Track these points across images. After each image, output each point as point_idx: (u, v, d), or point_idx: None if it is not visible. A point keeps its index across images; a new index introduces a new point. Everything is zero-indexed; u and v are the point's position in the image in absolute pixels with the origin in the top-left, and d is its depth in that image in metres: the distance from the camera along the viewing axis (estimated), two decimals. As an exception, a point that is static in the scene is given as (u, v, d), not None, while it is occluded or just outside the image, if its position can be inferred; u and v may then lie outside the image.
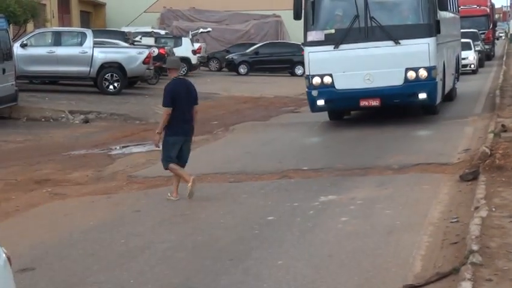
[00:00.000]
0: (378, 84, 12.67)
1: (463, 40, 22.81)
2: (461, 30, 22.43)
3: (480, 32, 33.24)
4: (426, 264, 5.50)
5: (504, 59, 34.48)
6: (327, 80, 12.89)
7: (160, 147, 8.25)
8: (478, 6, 37.03)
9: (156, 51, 23.40)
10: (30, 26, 23.94)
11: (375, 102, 12.80)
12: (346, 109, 13.92)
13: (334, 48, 12.82)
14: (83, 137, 14.61)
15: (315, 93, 12.99)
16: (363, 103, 12.85)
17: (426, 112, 13.65)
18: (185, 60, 28.88)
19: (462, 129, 12.48)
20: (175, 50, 27.50)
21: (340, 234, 6.49)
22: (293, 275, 5.50)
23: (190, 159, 11.28)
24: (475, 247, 5.34)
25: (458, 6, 20.30)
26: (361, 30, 12.74)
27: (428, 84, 12.75)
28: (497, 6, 67.28)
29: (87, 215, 7.93)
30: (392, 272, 5.40)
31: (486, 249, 5.37)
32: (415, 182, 8.51)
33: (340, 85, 12.84)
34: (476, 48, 28.67)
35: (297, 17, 13.12)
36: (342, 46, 12.79)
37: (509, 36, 62.53)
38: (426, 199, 7.58)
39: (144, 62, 20.20)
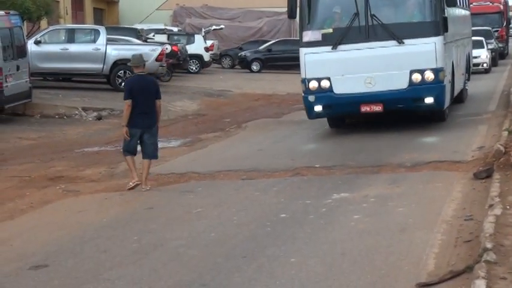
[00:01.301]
0: (380, 88, 11.59)
1: (475, 38, 22.07)
2: (474, 28, 21.84)
3: (493, 29, 31.74)
4: (439, 262, 5.48)
5: None
6: (325, 84, 11.80)
7: (129, 138, 8.81)
8: (491, 3, 35.80)
9: (169, 48, 23.42)
10: (44, 23, 24.05)
11: (377, 108, 11.74)
12: (345, 115, 12.81)
13: (332, 49, 11.74)
14: (96, 134, 14.68)
15: (311, 98, 11.90)
16: (364, 108, 11.76)
17: (434, 118, 12.50)
18: (198, 57, 29.00)
19: (476, 126, 12.38)
20: (188, 47, 27.54)
21: (352, 231, 6.48)
22: (306, 272, 5.49)
23: (203, 156, 11.35)
24: (489, 245, 5.32)
25: (469, 2, 19.17)
26: (361, 29, 11.66)
27: (436, 87, 11.64)
28: (511, 3, 66.32)
29: (100, 212, 7.96)
30: (405, 270, 5.38)
31: (500, 247, 5.34)
32: (428, 179, 8.47)
33: (339, 89, 11.77)
34: (489, 47, 27.55)
35: (291, 15, 12.26)
36: (341, 47, 11.72)
37: None
38: (439, 197, 7.55)
39: (157, 59, 20.22)
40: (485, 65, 25.80)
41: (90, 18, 34.21)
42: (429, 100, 11.68)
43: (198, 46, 29.05)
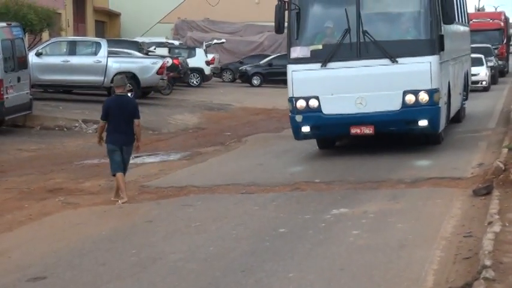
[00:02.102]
0: (372, 109, 10.93)
1: (474, 55, 21.52)
2: (473, 45, 21.53)
3: (493, 47, 31.07)
4: (438, 278, 5.47)
5: None
6: (313, 103, 11.13)
7: (103, 146, 9.30)
8: (491, 19, 35.42)
9: (170, 61, 23.49)
10: (45, 35, 24.14)
11: (367, 130, 11.04)
12: (334, 137, 12.17)
13: (322, 66, 11.08)
14: (95, 146, 14.57)
15: (299, 118, 11.20)
16: (354, 130, 11.09)
17: (428, 141, 11.82)
18: (199, 70, 29.08)
19: (476, 143, 12.38)
20: (189, 60, 27.62)
21: (351, 247, 6.47)
22: (304, 287, 5.47)
23: (203, 170, 11.35)
24: (488, 262, 5.31)
25: (468, 17, 18.22)
26: (352, 46, 11.01)
27: (430, 109, 10.96)
28: (511, 20, 66.20)
29: (99, 225, 7.96)
30: (404, 287, 5.37)
31: (499, 264, 5.32)
32: (428, 196, 8.47)
33: (328, 109, 11.09)
34: (489, 64, 27.02)
35: (278, 29, 11.53)
36: (331, 64, 11.07)
37: None
38: (439, 213, 7.54)
39: (157, 73, 20.30)
40: (484, 83, 25.31)
41: (91, 31, 34.36)
42: (423, 123, 11.02)
43: (199, 60, 29.17)
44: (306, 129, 11.32)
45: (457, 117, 14.73)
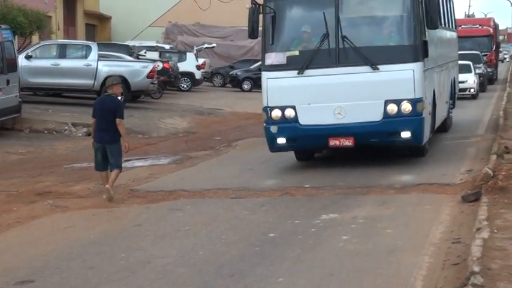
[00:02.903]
0: (351, 120, 10.30)
1: (462, 62, 21.03)
2: (462, 52, 21.12)
3: (482, 53, 30.46)
4: (427, 284, 5.47)
5: (508, 83, 32.09)
6: (289, 113, 10.47)
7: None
8: (480, 25, 34.74)
9: (160, 65, 23.47)
10: (35, 38, 24.06)
11: (347, 142, 10.41)
12: (312, 149, 11.47)
13: (298, 74, 10.41)
14: (85, 149, 14.59)
15: (274, 129, 10.55)
16: (333, 142, 10.45)
17: (411, 154, 11.23)
18: (189, 75, 29.06)
19: (465, 149, 12.43)
20: (179, 64, 27.60)
21: (341, 253, 6.47)
22: (293, 293, 5.48)
23: (193, 174, 11.33)
24: (476, 268, 5.31)
25: (456, 22, 17.41)
26: (331, 52, 10.35)
27: (413, 120, 10.33)
28: (501, 27, 66.34)
29: (87, 228, 7.93)
30: (393, 292, 5.38)
31: (488, 270, 5.34)
32: (417, 202, 8.49)
33: (304, 120, 10.46)
34: (478, 71, 26.40)
35: (252, 34, 10.89)
36: (308, 72, 10.40)
37: None
38: (428, 219, 7.56)
39: (148, 76, 20.27)
40: (472, 90, 24.67)
41: (82, 34, 34.28)
42: (406, 134, 10.38)
43: (189, 64, 29.17)
44: (281, 140, 10.67)
45: (444, 126, 14.28)
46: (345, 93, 10.37)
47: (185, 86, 28.98)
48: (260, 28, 10.92)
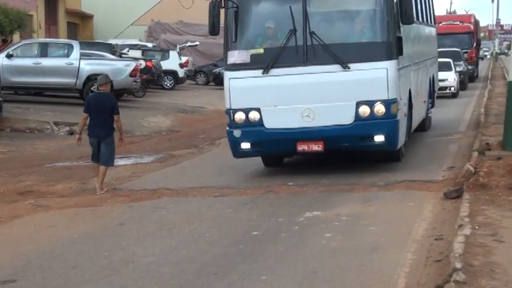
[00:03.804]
0: (321, 123, 9.64)
1: (442, 60, 20.43)
2: (442, 49, 20.82)
3: (463, 51, 29.56)
4: (410, 281, 5.49)
5: (489, 80, 31.85)
6: (254, 116, 9.79)
7: (81, 145, 10.21)
8: (460, 22, 33.88)
9: (143, 64, 23.39)
10: (16, 36, 23.86)
11: (316, 147, 9.75)
12: (279, 154, 10.76)
13: (263, 73, 9.69)
14: (67, 148, 14.53)
15: (237, 133, 9.88)
16: (301, 147, 9.78)
17: (387, 158, 10.61)
18: (172, 73, 28.98)
19: (447, 146, 12.51)
20: (162, 63, 27.52)
21: (324, 250, 6.48)
22: (277, 290, 5.48)
23: (176, 173, 11.30)
24: (458, 265, 5.34)
25: (434, 17, 16.42)
26: (298, 50, 9.62)
27: (387, 123, 9.65)
28: (482, 24, 66.66)
29: (70, 227, 7.88)
30: (376, 289, 5.40)
31: (469, 267, 5.37)
32: (400, 199, 8.53)
33: (270, 123, 9.76)
34: (458, 69, 25.57)
35: (212, 30, 10.08)
36: (273, 71, 9.68)
37: (494, 54, 62.50)
38: (410, 216, 7.59)
39: (130, 75, 20.17)
40: (452, 88, 23.99)
41: (63, 33, 34.06)
42: (379, 138, 9.69)
43: (172, 62, 29.07)
44: (245, 145, 9.95)
45: (422, 127, 13.74)
46: (314, 94, 9.66)
47: (168, 85, 28.90)
48: (222, 24, 10.20)
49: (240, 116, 9.90)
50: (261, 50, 9.92)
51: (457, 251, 5.73)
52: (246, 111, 9.86)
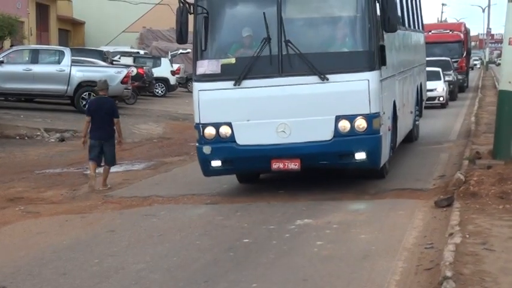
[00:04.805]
0: (297, 139, 8.93)
1: (431, 69, 20.11)
2: (431, 58, 20.45)
3: (452, 60, 28.76)
4: (400, 289, 5.50)
5: (479, 89, 31.58)
6: (225, 131, 9.07)
7: (86, 148, 10.65)
8: (450, 31, 32.57)
9: (134, 71, 23.36)
10: (7, 43, 23.79)
11: (292, 165, 9.03)
12: (253, 172, 10.12)
13: (235, 85, 8.97)
14: (58, 155, 14.48)
15: (207, 149, 9.16)
16: (276, 165, 9.05)
17: (370, 175, 9.94)
18: (164, 80, 28.95)
19: (438, 155, 12.53)
20: (154, 70, 27.50)
21: (315, 258, 6.48)
22: (268, 298, 5.47)
23: (167, 180, 11.28)
24: (448, 273, 5.35)
25: (422, 22, 15.52)
26: (272, 59, 8.91)
27: (369, 139, 8.94)
28: (473, 33, 66.80)
29: (60, 234, 7.84)
30: (367, 297, 5.41)
31: (460, 275, 5.37)
32: (391, 207, 8.54)
33: (243, 139, 9.04)
34: (447, 79, 24.89)
35: (180, 38, 9.27)
36: (246, 83, 8.97)
37: (485, 64, 62.62)
38: (401, 224, 7.60)
39: (122, 82, 20.13)
40: (441, 98, 23.25)
41: (55, 39, 34.00)
42: (360, 156, 9.00)
43: (164, 69, 29.05)
44: (216, 163, 9.22)
45: (409, 138, 13.14)
46: (290, 108, 8.93)
47: (160, 92, 28.86)
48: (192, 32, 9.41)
49: (210, 131, 9.15)
50: (233, 60, 9.17)
51: (447, 259, 5.74)
52: (217, 126, 9.11)
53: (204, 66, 9.21)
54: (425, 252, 6.42)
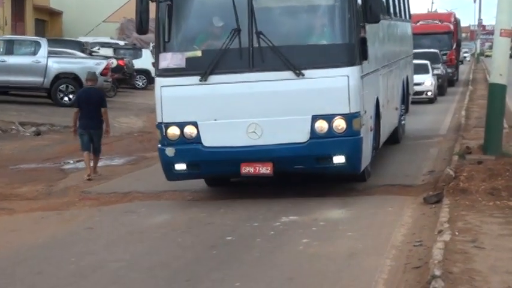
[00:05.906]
0: (270, 141, 8.27)
1: (418, 61, 19.25)
2: (419, 50, 20.00)
3: (442, 52, 27.17)
4: (388, 288, 5.40)
5: (470, 84, 30.38)
6: (190, 131, 8.39)
7: (77, 138, 10.99)
8: (440, 21, 30.71)
9: (114, 62, 23.07)
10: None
11: (264, 169, 8.33)
12: (221, 176, 9.30)
13: (201, 80, 8.30)
14: (33, 150, 14.23)
15: (170, 152, 8.46)
16: (246, 169, 8.35)
17: (351, 178, 9.22)
18: (145, 72, 28.62)
19: (427, 150, 12.42)
20: (134, 61, 27.21)
21: (301, 256, 6.38)
22: (252, 298, 5.33)
23: (148, 175, 11.10)
24: (437, 272, 5.27)
25: (409, 10, 14.58)
26: (242, 53, 8.24)
27: (348, 141, 8.28)
28: (464, 24, 65.92)
29: (35, 232, 7.68)
30: (355, 297, 5.28)
31: (449, 274, 5.29)
32: (379, 204, 8.41)
33: (209, 140, 8.36)
34: (436, 72, 23.61)
35: (140, 29, 8.57)
36: (213, 78, 8.29)
37: (476, 56, 62.04)
38: (389, 222, 7.50)
39: (101, 74, 19.80)
40: (429, 93, 22.06)
41: (31, 30, 33.47)
42: (339, 159, 8.34)
43: (145, 61, 28.63)
44: (180, 166, 8.51)
45: (394, 137, 12.30)
46: (261, 107, 8.27)
47: (141, 84, 28.55)
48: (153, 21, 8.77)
49: (173, 131, 8.46)
50: (199, 53, 8.47)
51: (436, 257, 5.66)
52: (181, 125, 8.42)
53: (167, 60, 8.53)
54: (414, 250, 6.34)
